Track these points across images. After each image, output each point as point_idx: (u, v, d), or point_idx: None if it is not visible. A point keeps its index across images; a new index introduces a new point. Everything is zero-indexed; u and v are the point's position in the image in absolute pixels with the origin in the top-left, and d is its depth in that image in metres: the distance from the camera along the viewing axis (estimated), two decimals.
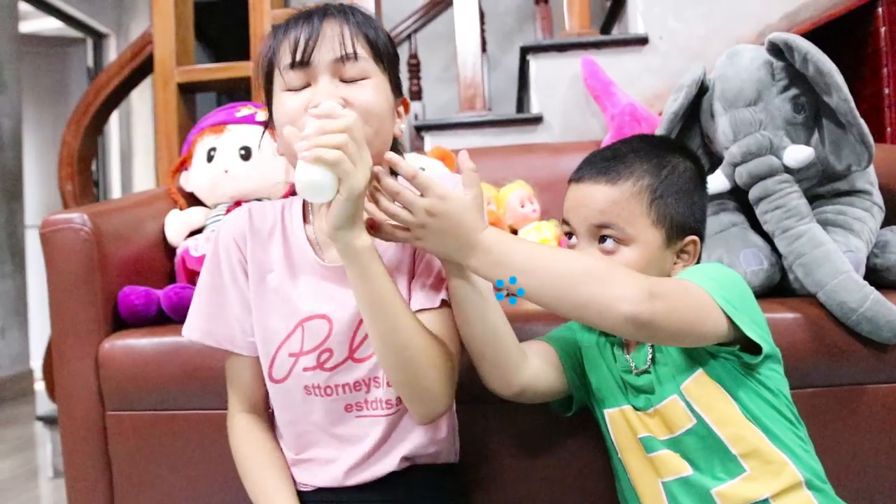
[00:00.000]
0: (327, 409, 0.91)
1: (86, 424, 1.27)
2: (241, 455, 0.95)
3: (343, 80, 0.85)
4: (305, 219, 0.96)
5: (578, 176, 0.98)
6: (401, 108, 0.94)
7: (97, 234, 1.30)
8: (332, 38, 0.84)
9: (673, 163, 0.95)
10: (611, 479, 1.04)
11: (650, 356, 0.92)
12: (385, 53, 0.88)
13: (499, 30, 4.44)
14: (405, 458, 0.91)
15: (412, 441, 0.91)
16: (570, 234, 0.97)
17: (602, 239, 0.92)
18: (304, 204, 0.97)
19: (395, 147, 0.93)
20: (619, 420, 0.95)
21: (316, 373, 0.89)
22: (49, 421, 2.34)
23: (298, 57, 0.83)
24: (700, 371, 0.88)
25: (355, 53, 0.84)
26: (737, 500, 0.85)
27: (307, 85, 0.85)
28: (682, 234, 0.94)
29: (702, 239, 0.97)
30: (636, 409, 0.93)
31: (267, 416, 0.99)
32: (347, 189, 0.74)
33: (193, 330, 0.96)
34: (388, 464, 0.91)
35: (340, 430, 0.91)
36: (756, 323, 0.87)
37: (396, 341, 0.81)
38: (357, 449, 0.91)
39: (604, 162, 0.96)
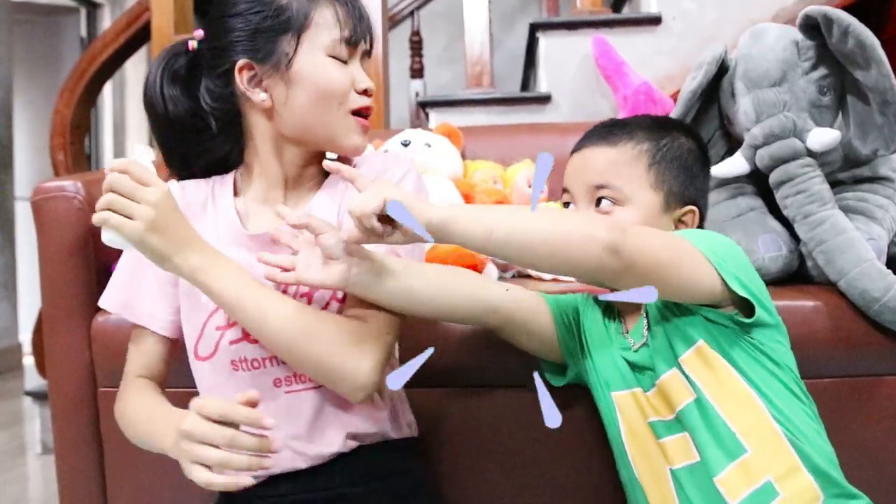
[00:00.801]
0: (256, 385, 0.86)
1: (77, 401, 1.24)
2: (138, 408, 0.91)
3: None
4: (236, 192, 0.97)
5: (580, 146, 0.99)
6: None
7: (91, 202, 1.25)
8: (368, 31, 0.93)
9: (673, 135, 0.97)
10: (587, 472, 1.03)
11: (646, 328, 0.91)
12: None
13: (501, 10, 4.36)
14: (351, 437, 0.89)
15: (351, 415, 0.89)
16: (567, 203, 0.97)
17: (598, 201, 0.93)
18: (235, 177, 0.98)
19: None
20: (629, 403, 0.92)
21: (242, 345, 0.88)
22: (38, 396, 2.30)
23: (356, 37, 0.91)
24: (701, 342, 0.85)
25: (372, 44, 0.95)
26: (738, 488, 0.81)
27: (345, 62, 0.91)
28: (681, 203, 0.94)
29: (702, 216, 0.97)
30: (644, 391, 0.90)
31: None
32: (128, 237, 0.78)
33: (113, 302, 0.97)
34: (331, 443, 0.88)
35: (272, 408, 0.86)
36: (752, 285, 0.84)
37: (267, 332, 0.83)
38: (294, 428, 0.88)
39: (605, 129, 0.98)
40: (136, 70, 4.74)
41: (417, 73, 3.24)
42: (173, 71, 0.96)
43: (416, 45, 3.29)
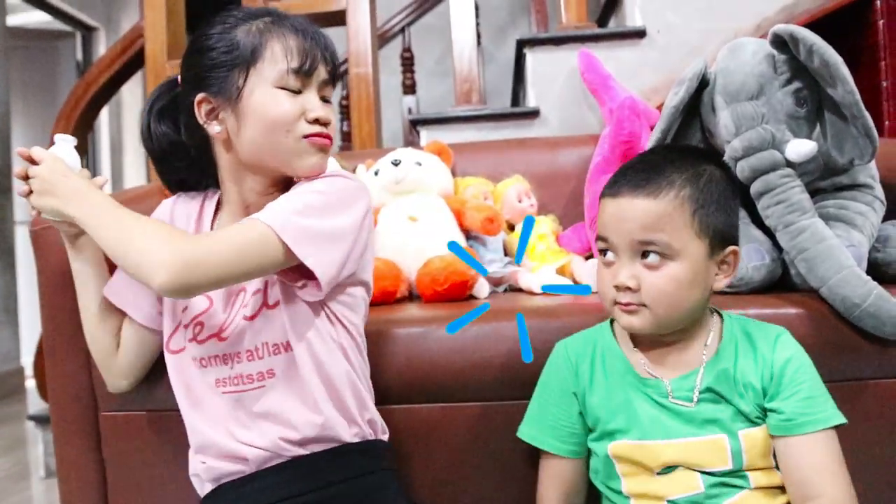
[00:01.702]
0: (205, 382, 0.97)
1: (79, 425, 1.25)
2: None
3: (323, 99, 0.95)
4: (220, 206, 1.05)
5: (615, 190, 0.93)
6: None
7: None
8: (325, 60, 0.95)
9: (709, 171, 0.92)
10: None
11: (698, 388, 0.92)
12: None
13: (492, 24, 4.42)
14: (284, 440, 0.93)
15: (288, 416, 0.93)
16: (604, 251, 0.93)
17: (645, 254, 0.89)
18: (222, 194, 1.04)
19: None
20: (632, 450, 0.93)
21: (192, 345, 0.97)
22: (41, 420, 2.32)
23: (307, 66, 0.92)
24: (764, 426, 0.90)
25: (334, 79, 0.96)
26: None
27: (299, 92, 0.93)
28: (724, 244, 0.92)
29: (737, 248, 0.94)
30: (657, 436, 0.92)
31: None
32: (33, 206, 0.94)
33: (110, 290, 1.04)
34: (267, 445, 0.93)
35: (210, 398, 0.97)
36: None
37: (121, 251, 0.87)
38: (237, 429, 0.94)
39: (641, 174, 0.92)
40: (132, 93, 4.78)
41: (410, 88, 3.28)
42: (160, 108, 1.03)
43: (408, 62, 3.33)
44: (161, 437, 1.23)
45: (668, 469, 0.91)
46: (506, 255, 1.65)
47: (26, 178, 0.93)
